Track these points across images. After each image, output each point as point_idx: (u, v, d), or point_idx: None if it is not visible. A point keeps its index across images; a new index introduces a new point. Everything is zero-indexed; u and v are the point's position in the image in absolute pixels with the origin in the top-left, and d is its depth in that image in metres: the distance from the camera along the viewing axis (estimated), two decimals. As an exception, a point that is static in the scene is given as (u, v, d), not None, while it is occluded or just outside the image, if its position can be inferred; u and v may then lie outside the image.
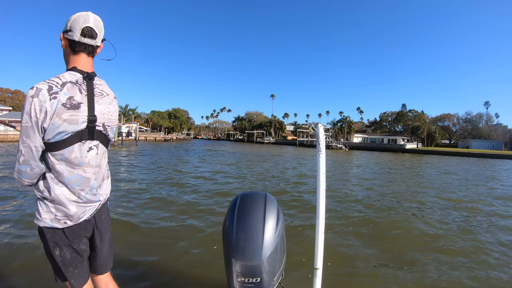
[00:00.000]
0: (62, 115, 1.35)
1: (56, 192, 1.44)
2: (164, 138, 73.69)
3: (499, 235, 5.06)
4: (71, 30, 1.43)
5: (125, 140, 45.53)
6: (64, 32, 1.46)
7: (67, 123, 1.38)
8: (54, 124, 1.34)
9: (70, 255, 1.55)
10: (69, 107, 1.37)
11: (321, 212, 1.68)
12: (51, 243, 1.51)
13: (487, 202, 8.20)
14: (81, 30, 1.43)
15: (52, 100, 1.32)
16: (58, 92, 1.34)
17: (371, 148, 66.00)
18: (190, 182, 9.88)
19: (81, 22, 1.44)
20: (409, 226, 5.38)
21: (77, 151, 1.46)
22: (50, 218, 1.47)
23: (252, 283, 1.60)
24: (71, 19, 1.44)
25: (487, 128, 79.99)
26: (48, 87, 1.32)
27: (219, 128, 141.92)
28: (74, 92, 1.40)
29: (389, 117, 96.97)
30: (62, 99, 1.35)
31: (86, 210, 1.57)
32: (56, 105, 1.33)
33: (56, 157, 1.42)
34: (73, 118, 1.39)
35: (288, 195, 8.23)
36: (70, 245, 1.54)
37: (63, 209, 1.47)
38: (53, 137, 1.38)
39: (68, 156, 1.44)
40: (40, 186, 1.45)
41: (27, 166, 1.38)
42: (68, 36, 1.45)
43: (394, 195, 8.84)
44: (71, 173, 1.47)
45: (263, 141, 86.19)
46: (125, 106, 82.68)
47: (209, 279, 3.22)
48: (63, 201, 1.46)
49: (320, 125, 1.63)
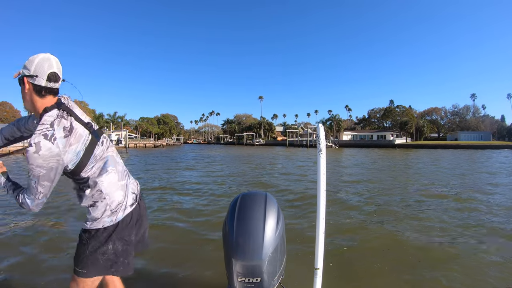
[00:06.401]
0: (70, 142, 1.46)
1: (105, 187, 1.61)
2: (154, 144, 72.88)
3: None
4: (37, 76, 1.44)
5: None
6: (28, 77, 1.45)
7: (76, 142, 1.49)
8: (71, 152, 1.46)
9: (121, 247, 1.67)
10: (69, 133, 1.47)
11: (321, 212, 1.69)
12: (104, 240, 1.62)
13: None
14: (47, 76, 1.45)
15: (55, 142, 1.39)
16: (54, 134, 1.41)
17: (361, 145, 66.76)
18: (187, 186, 9.84)
19: (46, 67, 1.45)
20: (411, 226, 5.38)
21: (98, 150, 1.61)
22: (107, 216, 1.62)
23: (253, 283, 1.61)
24: (34, 64, 1.44)
25: (475, 120, 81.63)
26: (43, 136, 1.38)
27: (209, 132, 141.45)
28: (63, 123, 1.47)
29: (377, 113, 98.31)
30: (61, 134, 1.43)
31: (131, 196, 1.76)
32: (61, 141, 1.42)
33: (88, 168, 1.56)
34: (78, 135, 1.51)
35: (288, 192, 8.25)
36: (122, 238, 1.67)
37: (115, 201, 1.64)
38: (74, 161, 1.49)
39: (96, 157, 1.59)
40: (88, 194, 1.60)
41: (44, 197, 1.50)
42: (33, 81, 1.45)
43: (396, 193, 8.89)
44: (103, 161, 1.63)
45: (253, 143, 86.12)
46: (114, 114, 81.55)
47: (209, 279, 3.21)
48: (113, 191, 1.63)
49: (320, 125, 1.64)
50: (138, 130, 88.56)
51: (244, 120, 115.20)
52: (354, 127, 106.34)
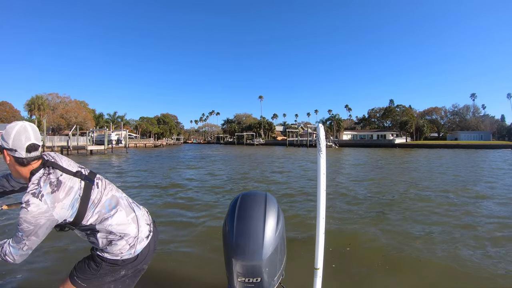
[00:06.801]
0: (59, 197, 1.44)
1: (116, 229, 1.59)
2: (154, 144, 72.80)
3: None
4: (16, 150, 1.44)
5: (115, 148, 44.83)
6: (8, 150, 1.46)
7: (67, 196, 1.47)
8: (62, 208, 1.44)
9: (132, 273, 1.70)
10: (56, 189, 1.45)
11: (321, 212, 1.68)
12: (119, 268, 1.64)
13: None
14: (26, 148, 1.45)
15: (42, 198, 1.39)
16: (41, 191, 1.41)
17: (361, 144, 66.76)
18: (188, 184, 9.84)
19: (24, 140, 1.44)
20: (414, 225, 5.39)
21: (95, 194, 1.58)
22: (125, 250, 1.62)
23: (253, 283, 1.60)
24: (11, 137, 1.43)
25: (475, 120, 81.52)
26: (32, 194, 1.39)
27: (209, 132, 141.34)
28: (49, 179, 1.47)
29: (377, 113, 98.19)
30: (48, 190, 1.42)
31: (146, 228, 1.75)
32: (48, 197, 1.41)
33: (89, 214, 1.53)
34: (68, 188, 1.49)
35: (288, 192, 8.24)
36: (136, 267, 1.69)
37: (131, 235, 1.63)
38: (71, 213, 1.48)
39: (95, 201, 1.56)
40: (100, 237, 1.59)
41: (30, 250, 1.48)
42: (13, 154, 1.46)
43: (396, 193, 8.89)
44: (103, 205, 1.59)
45: (253, 142, 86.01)
46: (114, 114, 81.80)
47: (209, 279, 3.22)
48: (125, 227, 1.62)
49: (320, 125, 1.63)
50: (138, 130, 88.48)
51: (244, 120, 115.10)
52: (354, 126, 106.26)
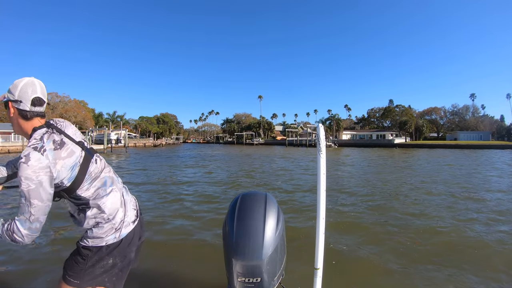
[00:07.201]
0: (61, 155, 1.44)
1: (108, 208, 1.59)
2: (154, 144, 72.82)
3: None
4: (21, 101, 1.45)
5: (114, 147, 44.74)
6: (13, 102, 1.46)
7: (69, 157, 1.48)
8: (63, 166, 1.43)
9: (121, 262, 1.66)
10: (59, 147, 1.46)
11: (321, 212, 1.68)
12: (105, 256, 1.60)
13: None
14: (31, 101, 1.46)
15: (44, 153, 1.38)
16: (43, 145, 1.41)
17: (360, 144, 66.84)
18: (186, 186, 9.83)
19: (30, 93, 1.46)
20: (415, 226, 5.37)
21: (93, 167, 1.58)
22: (111, 233, 1.60)
23: (253, 283, 1.60)
24: (18, 89, 1.45)
25: (474, 120, 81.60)
26: (33, 148, 1.38)
27: (208, 131, 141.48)
28: (53, 137, 1.48)
29: (376, 113, 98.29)
30: (51, 146, 1.43)
31: (133, 212, 1.75)
32: (51, 153, 1.40)
33: (85, 185, 1.53)
34: (70, 151, 1.49)
35: (287, 191, 8.25)
36: (123, 254, 1.66)
37: (118, 218, 1.63)
38: (69, 176, 1.47)
39: (92, 174, 1.57)
40: (89, 215, 1.56)
41: (37, 222, 1.42)
42: (17, 106, 1.46)
43: (396, 193, 8.89)
44: (102, 181, 1.61)
45: (253, 142, 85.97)
46: (113, 113, 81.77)
47: (209, 279, 3.22)
48: (116, 209, 1.62)
49: (320, 125, 1.64)
50: (138, 130, 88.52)
51: (243, 120, 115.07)
52: (354, 126, 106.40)
